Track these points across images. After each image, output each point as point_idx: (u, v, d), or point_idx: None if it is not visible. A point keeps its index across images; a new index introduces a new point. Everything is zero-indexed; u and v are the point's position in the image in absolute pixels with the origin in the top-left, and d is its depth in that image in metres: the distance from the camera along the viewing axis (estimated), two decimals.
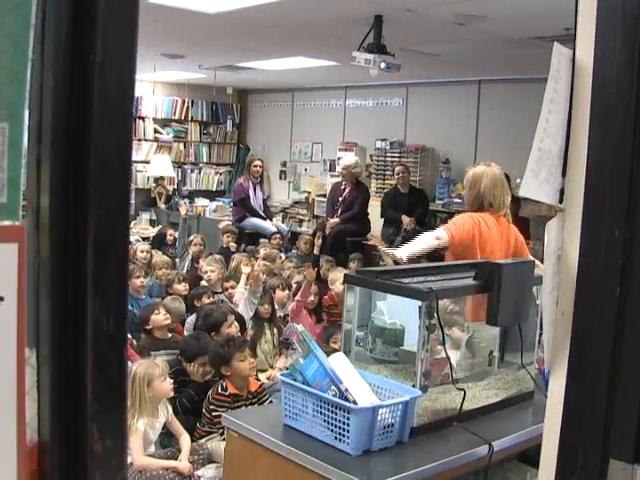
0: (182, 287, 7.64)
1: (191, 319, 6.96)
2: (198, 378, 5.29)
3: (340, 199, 11.00)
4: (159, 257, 8.87)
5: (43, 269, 0.94)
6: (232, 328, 6.14)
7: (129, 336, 5.76)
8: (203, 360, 5.33)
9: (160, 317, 6.01)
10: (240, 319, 6.60)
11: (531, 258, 5.27)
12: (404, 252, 4.91)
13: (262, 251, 9.35)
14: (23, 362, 0.92)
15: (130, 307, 6.62)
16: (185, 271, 9.12)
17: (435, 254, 5.40)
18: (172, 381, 4.79)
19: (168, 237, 10.73)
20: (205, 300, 7.18)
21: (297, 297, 7.12)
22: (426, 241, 4.95)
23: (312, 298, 7.26)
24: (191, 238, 9.68)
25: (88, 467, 0.96)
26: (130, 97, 0.94)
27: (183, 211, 10.55)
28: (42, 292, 0.95)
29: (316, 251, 9.87)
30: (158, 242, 10.85)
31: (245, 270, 7.68)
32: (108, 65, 0.91)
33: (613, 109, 1.61)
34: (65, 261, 0.94)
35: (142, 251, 8.90)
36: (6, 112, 0.87)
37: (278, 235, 10.93)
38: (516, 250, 5.19)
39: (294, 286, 7.87)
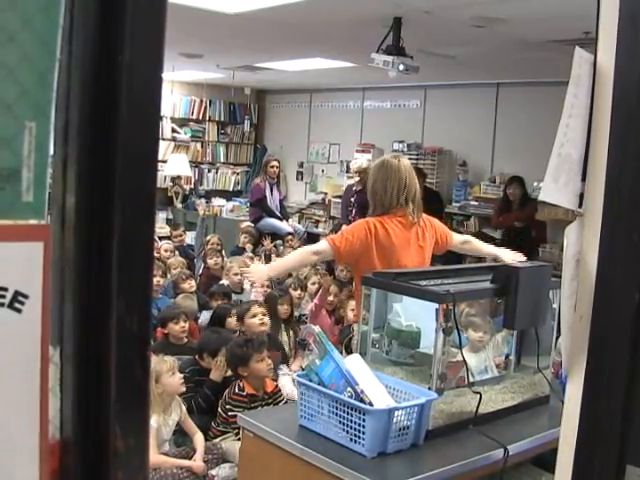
0: (187, 285, 7.65)
1: (205, 316, 6.98)
2: (220, 373, 5.29)
3: (352, 199, 11.00)
4: (174, 257, 8.89)
5: (68, 268, 0.95)
6: (255, 319, 6.16)
7: None
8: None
9: (177, 328, 6.00)
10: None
11: (464, 238, 5.10)
12: (267, 273, 4.70)
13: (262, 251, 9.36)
14: (47, 360, 0.93)
15: None
16: (200, 271, 9.15)
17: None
18: (182, 376, 4.81)
19: (174, 239, 10.65)
20: (214, 303, 7.20)
21: (315, 300, 7.13)
22: (300, 257, 4.69)
23: (331, 298, 7.27)
24: (208, 238, 9.69)
25: (110, 465, 0.97)
26: (157, 98, 0.95)
27: (201, 211, 10.51)
28: (67, 290, 0.96)
29: None
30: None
31: None
32: (136, 66, 0.91)
33: (634, 114, 1.61)
34: (90, 260, 0.95)
35: (166, 250, 8.91)
36: (33, 112, 0.88)
37: (290, 236, 10.93)
38: (439, 245, 4.82)
39: (311, 287, 7.88)
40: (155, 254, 7.25)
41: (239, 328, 6.42)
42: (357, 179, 10.85)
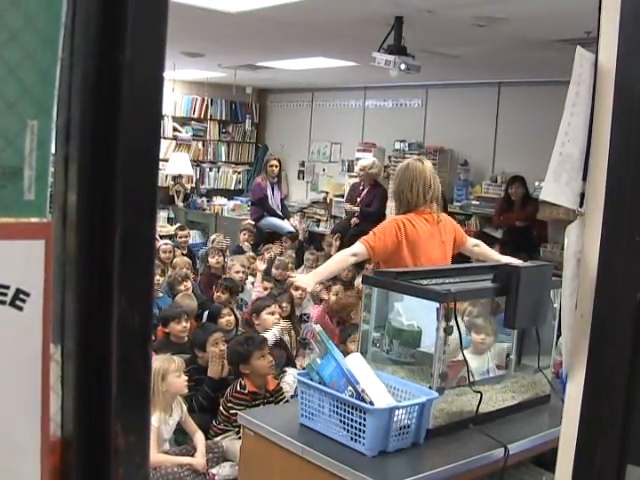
0: (183, 287, 7.65)
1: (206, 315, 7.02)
2: (217, 368, 5.29)
3: (358, 199, 11.01)
4: (180, 257, 8.88)
5: (70, 265, 0.95)
6: (272, 317, 6.23)
7: None
8: (214, 339, 5.40)
9: (179, 327, 6.02)
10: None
11: (475, 241, 5.35)
12: (312, 279, 4.94)
13: (266, 254, 9.37)
14: (48, 357, 0.93)
15: None
16: (202, 270, 9.17)
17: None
18: (187, 378, 4.82)
19: (179, 239, 10.64)
20: (220, 296, 7.27)
21: (318, 310, 7.17)
22: (340, 261, 4.92)
23: (334, 298, 7.30)
24: (213, 237, 9.69)
25: (111, 462, 0.97)
26: (159, 96, 0.95)
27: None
28: (68, 288, 0.96)
29: (333, 252, 9.88)
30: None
31: (260, 267, 7.70)
32: (137, 64, 0.92)
33: (635, 113, 1.61)
34: (92, 258, 0.95)
35: (164, 251, 8.86)
36: (35, 110, 0.88)
37: (285, 237, 10.96)
38: (456, 244, 5.10)
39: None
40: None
41: (232, 328, 6.49)
42: (361, 175, 10.92)
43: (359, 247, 4.76)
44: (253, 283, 8.09)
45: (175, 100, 14.02)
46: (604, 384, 1.68)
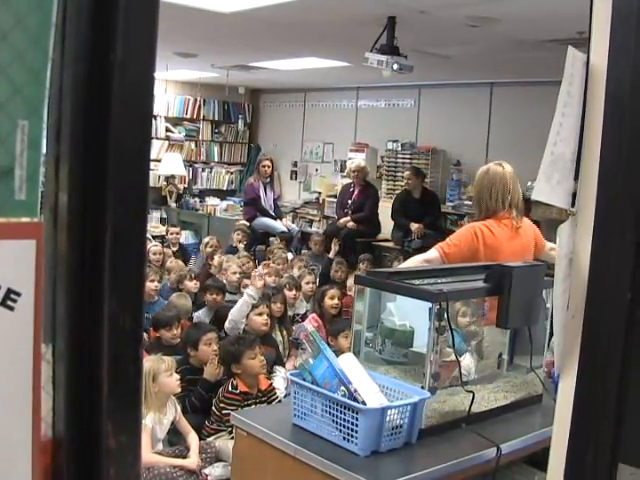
0: (192, 284, 7.65)
1: (198, 314, 7.00)
2: (213, 372, 5.29)
3: (349, 201, 11.01)
4: (174, 261, 8.85)
5: (61, 265, 0.95)
6: (260, 318, 6.29)
7: None
8: (208, 339, 5.41)
9: (169, 335, 5.99)
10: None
11: (552, 245, 5.15)
12: None
13: (276, 252, 9.41)
14: (39, 357, 0.93)
15: None
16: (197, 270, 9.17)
17: None
18: (179, 377, 4.81)
19: (169, 236, 10.62)
20: (208, 297, 7.27)
21: (312, 316, 7.18)
22: (413, 266, 4.75)
23: (336, 301, 7.30)
24: (206, 240, 9.69)
25: (102, 463, 0.97)
26: (150, 96, 0.95)
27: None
28: (59, 288, 0.96)
29: (331, 255, 9.85)
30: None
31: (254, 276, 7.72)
32: (128, 64, 0.92)
33: (626, 113, 1.61)
34: (83, 258, 0.95)
35: (154, 253, 8.79)
36: (26, 110, 0.88)
37: (281, 236, 10.98)
38: (537, 250, 4.99)
39: (305, 287, 7.89)
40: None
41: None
42: (354, 175, 10.91)
43: (433, 253, 4.64)
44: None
45: (168, 100, 14.01)
46: (596, 383, 1.68)
